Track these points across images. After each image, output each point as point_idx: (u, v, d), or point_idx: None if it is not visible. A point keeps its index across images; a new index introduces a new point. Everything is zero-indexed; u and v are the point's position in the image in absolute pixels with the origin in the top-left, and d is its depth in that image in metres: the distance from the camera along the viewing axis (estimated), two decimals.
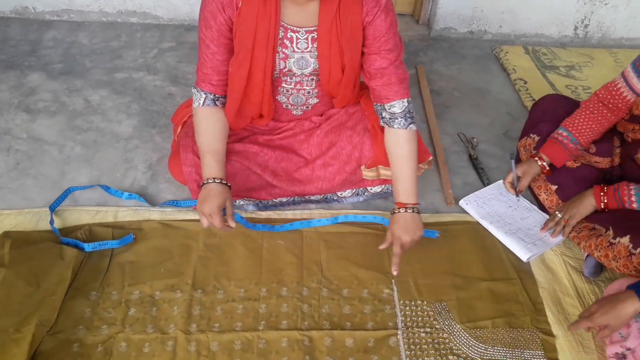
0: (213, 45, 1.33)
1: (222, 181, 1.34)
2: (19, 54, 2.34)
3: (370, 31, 1.34)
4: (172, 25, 2.67)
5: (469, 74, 2.46)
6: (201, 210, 1.31)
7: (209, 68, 1.37)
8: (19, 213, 1.54)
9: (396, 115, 1.40)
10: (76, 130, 1.91)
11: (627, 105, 1.53)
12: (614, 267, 1.33)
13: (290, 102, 1.52)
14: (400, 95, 1.39)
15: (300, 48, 1.37)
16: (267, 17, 1.28)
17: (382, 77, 1.38)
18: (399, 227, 1.37)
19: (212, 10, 1.29)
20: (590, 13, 2.72)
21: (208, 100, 1.41)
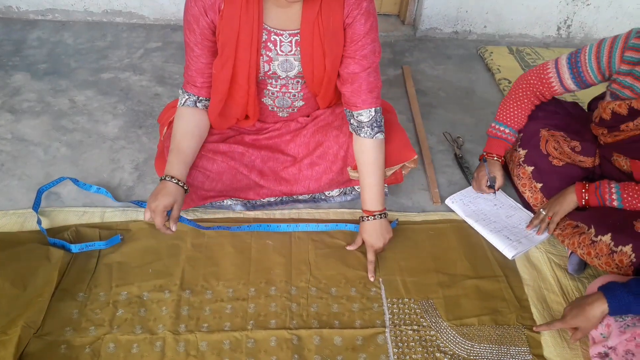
0: (197, 48, 1.34)
1: (179, 182, 1.35)
2: (3, 53, 2.32)
3: (349, 33, 1.34)
4: (158, 25, 2.66)
5: (454, 74, 2.49)
6: (148, 204, 1.32)
7: (193, 70, 1.39)
8: (4, 214, 1.53)
9: (363, 124, 1.41)
10: (62, 131, 1.90)
11: (552, 94, 1.61)
12: (597, 264, 1.36)
13: (276, 104, 1.53)
14: (368, 104, 1.40)
15: (284, 51, 1.37)
16: (249, 20, 1.29)
17: (352, 83, 1.38)
18: (369, 235, 1.42)
19: (195, 14, 1.29)
20: (572, 14, 2.77)
21: (189, 101, 1.43)
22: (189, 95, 1.43)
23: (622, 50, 1.39)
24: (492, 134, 1.69)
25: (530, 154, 1.62)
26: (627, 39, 1.38)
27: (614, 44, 1.41)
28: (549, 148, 1.59)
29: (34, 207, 1.53)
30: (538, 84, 1.59)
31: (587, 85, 1.52)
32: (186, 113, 1.43)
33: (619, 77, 1.42)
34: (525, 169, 1.63)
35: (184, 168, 1.39)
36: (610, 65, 1.43)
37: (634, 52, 1.37)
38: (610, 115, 1.47)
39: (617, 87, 1.43)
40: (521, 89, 1.63)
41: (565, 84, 1.54)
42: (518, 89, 1.64)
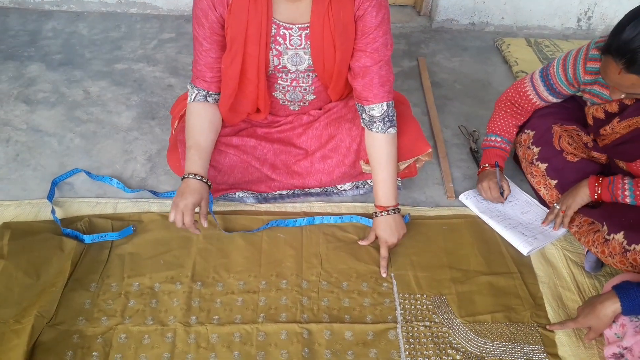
0: (206, 43, 1.34)
1: (202, 178, 1.36)
2: (18, 44, 2.33)
3: (360, 26, 1.32)
4: (172, 16, 2.65)
5: (471, 66, 2.45)
6: (175, 203, 1.33)
7: (202, 65, 1.38)
8: (19, 204, 1.54)
9: (374, 119, 1.40)
10: (76, 122, 1.91)
11: (533, 107, 1.63)
12: (611, 263, 1.33)
13: (287, 98, 1.52)
14: (379, 98, 1.38)
15: (294, 45, 1.36)
16: (258, 14, 1.28)
17: (364, 77, 1.36)
18: (383, 230, 1.41)
19: (204, 8, 1.29)
20: (593, 5, 2.70)
21: (199, 96, 1.42)
22: (198, 91, 1.42)
23: (584, 61, 1.44)
24: (485, 146, 1.70)
25: (544, 151, 1.59)
26: (587, 50, 1.43)
27: (577, 56, 1.47)
28: (563, 144, 1.56)
29: (49, 197, 1.54)
30: (517, 98, 1.65)
31: (564, 96, 1.57)
32: (198, 108, 1.43)
33: (587, 87, 1.47)
34: (538, 167, 1.60)
35: (204, 164, 1.39)
36: (577, 76, 1.48)
37: (594, 63, 1.41)
38: (592, 121, 1.51)
39: (588, 97, 1.49)
40: (503, 104, 1.70)
41: (542, 95, 1.59)
42: (500, 106, 1.71)
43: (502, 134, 1.67)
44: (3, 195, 1.58)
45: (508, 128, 1.67)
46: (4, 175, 1.65)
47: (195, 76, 1.42)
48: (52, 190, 1.57)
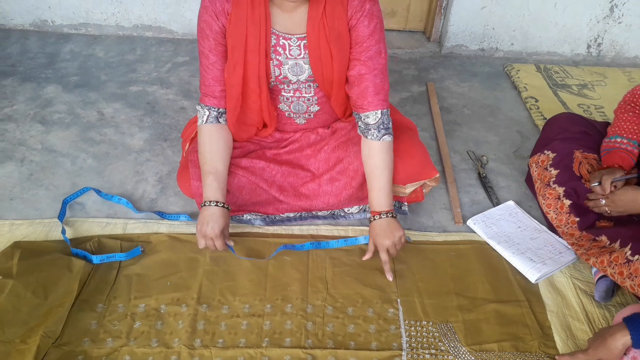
0: (212, 55, 1.37)
1: (224, 205, 1.39)
2: (37, 66, 2.40)
3: (353, 35, 1.36)
4: (186, 40, 2.71)
5: (480, 92, 2.46)
6: (203, 232, 1.36)
7: (210, 79, 1.41)
8: (31, 223, 1.56)
9: (370, 127, 1.42)
10: (89, 142, 1.94)
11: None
12: (628, 285, 1.30)
13: (292, 110, 1.54)
14: (374, 106, 1.40)
15: (294, 55, 1.39)
16: (256, 23, 1.32)
17: (359, 85, 1.39)
18: (376, 234, 1.41)
19: (207, 20, 1.33)
20: (603, 32, 2.72)
21: (211, 117, 1.44)
22: (209, 110, 1.44)
23: None
24: (605, 148, 1.54)
25: (563, 174, 1.56)
26: None
27: None
28: (583, 170, 1.54)
29: (59, 217, 1.56)
30: (630, 102, 1.54)
31: None
32: (211, 131, 1.44)
33: None
34: (555, 190, 1.58)
35: (223, 189, 1.42)
36: None
37: None
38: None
39: None
40: (623, 109, 1.56)
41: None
42: (621, 111, 1.57)
43: (628, 136, 1.51)
44: (15, 214, 1.61)
45: (633, 128, 1.51)
46: (17, 195, 1.69)
47: (204, 94, 1.43)
48: (63, 209, 1.59)
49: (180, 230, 1.57)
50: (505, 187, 1.87)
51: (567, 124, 1.67)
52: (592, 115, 2.28)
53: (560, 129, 1.67)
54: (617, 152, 1.50)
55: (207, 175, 1.41)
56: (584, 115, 2.25)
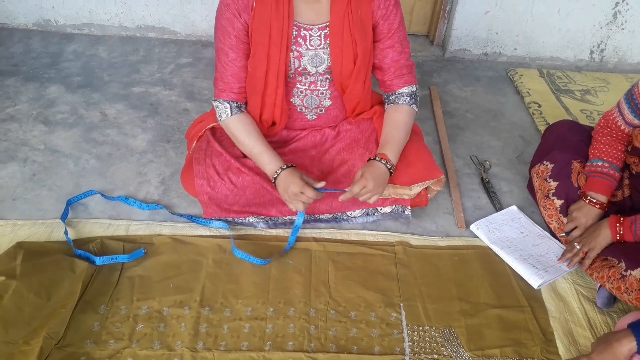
0: (232, 52, 1.38)
1: (287, 165, 1.43)
2: (40, 66, 2.40)
3: (386, 26, 1.41)
4: (189, 41, 2.71)
5: (483, 96, 2.46)
6: (292, 194, 1.39)
7: (229, 76, 1.42)
8: (33, 224, 1.56)
9: (403, 95, 1.52)
10: (92, 143, 1.94)
11: (623, 132, 1.54)
12: (627, 299, 1.31)
13: (305, 104, 1.55)
14: (410, 83, 1.52)
15: (314, 45, 1.41)
16: (280, 17, 1.34)
17: (395, 70, 1.49)
18: (371, 172, 1.41)
19: (229, 18, 1.34)
20: (606, 37, 2.72)
21: (234, 109, 1.46)
22: (230, 104, 1.46)
23: None
24: (589, 171, 1.54)
25: (562, 186, 1.58)
26: None
27: None
28: (581, 181, 1.55)
29: (62, 217, 1.56)
30: (607, 125, 1.57)
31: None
32: (241, 119, 1.48)
33: None
34: (554, 202, 1.59)
35: (277, 156, 1.46)
36: None
37: None
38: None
39: None
40: (601, 133, 1.58)
41: (627, 119, 1.50)
42: (598, 134, 1.59)
43: (608, 159, 1.52)
44: (18, 215, 1.61)
45: (613, 152, 1.53)
46: (20, 195, 1.68)
47: (221, 90, 1.46)
48: (66, 210, 1.59)
49: (183, 232, 1.57)
50: (508, 192, 1.87)
51: (565, 133, 1.68)
52: (594, 121, 2.28)
53: (559, 138, 1.68)
54: (600, 180, 1.51)
55: (260, 156, 1.45)
56: (586, 121, 2.26)
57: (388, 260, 1.53)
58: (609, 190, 1.51)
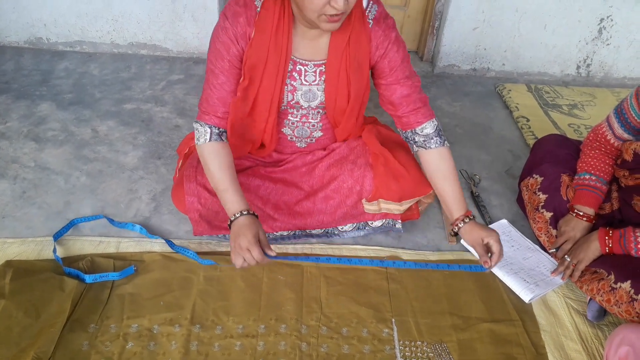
0: (223, 76, 1.35)
1: (249, 212, 1.31)
2: (31, 83, 2.40)
3: (386, 64, 1.39)
4: (181, 58, 2.73)
5: (472, 111, 2.49)
6: (238, 246, 1.26)
7: (215, 99, 1.37)
8: (23, 242, 1.55)
9: (431, 136, 1.45)
10: (83, 160, 1.94)
11: (612, 146, 1.55)
12: (616, 312, 1.32)
13: (295, 134, 1.55)
14: (428, 117, 1.45)
15: (309, 81, 1.40)
16: (278, 51, 1.32)
17: (407, 105, 1.43)
18: (482, 228, 1.39)
19: (225, 42, 1.31)
20: (592, 53, 2.77)
21: (214, 135, 1.38)
22: (211, 128, 1.38)
23: None
24: (577, 184, 1.57)
25: (551, 199, 1.59)
26: None
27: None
28: (570, 194, 1.57)
29: (56, 235, 1.55)
30: (596, 139, 1.59)
31: (636, 130, 1.47)
32: (218, 149, 1.38)
33: None
34: (543, 215, 1.60)
35: (243, 198, 1.35)
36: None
37: None
38: (632, 157, 1.46)
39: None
40: (590, 146, 1.60)
41: (617, 133, 1.52)
42: (587, 147, 1.61)
43: (595, 172, 1.55)
44: (7, 233, 1.60)
45: (600, 165, 1.56)
46: (9, 213, 1.67)
47: (204, 112, 1.38)
48: (65, 229, 1.58)
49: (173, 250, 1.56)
50: (497, 205, 1.88)
51: (554, 147, 1.70)
52: (582, 135, 2.31)
53: (547, 152, 1.70)
54: (587, 193, 1.53)
55: (224, 193, 1.34)
56: (573, 135, 2.29)
57: (379, 275, 1.53)
58: (597, 203, 1.52)
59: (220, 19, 1.32)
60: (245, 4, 1.29)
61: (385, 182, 1.51)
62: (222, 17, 1.32)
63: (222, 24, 1.31)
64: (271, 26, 1.29)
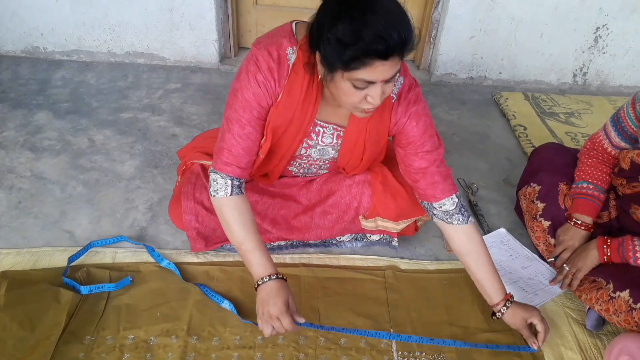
0: (249, 127, 1.24)
1: (277, 276, 1.23)
2: (28, 92, 2.39)
3: (403, 137, 1.32)
4: (178, 67, 2.73)
5: (469, 119, 2.49)
6: (267, 313, 1.18)
7: (240, 149, 1.25)
8: (18, 253, 1.54)
9: (451, 212, 1.34)
10: (79, 170, 1.93)
11: (609, 155, 1.56)
12: (615, 321, 1.31)
13: (300, 171, 1.55)
14: (447, 193, 1.34)
15: (325, 142, 1.38)
16: (303, 115, 1.26)
17: (424, 177, 1.34)
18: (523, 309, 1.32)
19: (258, 94, 1.21)
20: (588, 61, 2.78)
21: (235, 188, 1.27)
22: (232, 181, 1.26)
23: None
24: (574, 193, 1.57)
25: (549, 208, 1.59)
26: None
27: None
28: (567, 202, 1.57)
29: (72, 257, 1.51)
30: (593, 148, 1.59)
31: (633, 138, 1.48)
32: (238, 204, 1.27)
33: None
34: (541, 223, 1.60)
35: (270, 259, 1.26)
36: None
37: None
38: (629, 165, 1.46)
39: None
40: (587, 155, 1.61)
41: (614, 141, 1.52)
42: (584, 156, 1.61)
43: (593, 181, 1.55)
44: (3, 243, 1.58)
45: (598, 174, 1.55)
46: (5, 223, 1.66)
47: (225, 163, 1.26)
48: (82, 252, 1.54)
49: (170, 260, 1.55)
50: (495, 214, 1.88)
51: (551, 156, 1.70)
52: (579, 143, 2.31)
53: (545, 161, 1.70)
54: (585, 202, 1.53)
55: (249, 254, 1.25)
56: (570, 143, 2.29)
57: (378, 285, 1.53)
58: (594, 212, 1.52)
59: (251, 66, 1.19)
60: (279, 60, 1.19)
61: (383, 200, 1.50)
62: (253, 65, 1.19)
63: (254, 74, 1.19)
64: (299, 93, 1.22)
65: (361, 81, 1.05)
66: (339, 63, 1.03)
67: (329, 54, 1.03)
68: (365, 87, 1.07)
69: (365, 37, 0.98)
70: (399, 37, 0.99)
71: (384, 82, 1.06)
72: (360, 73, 1.03)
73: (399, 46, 1.00)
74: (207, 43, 2.66)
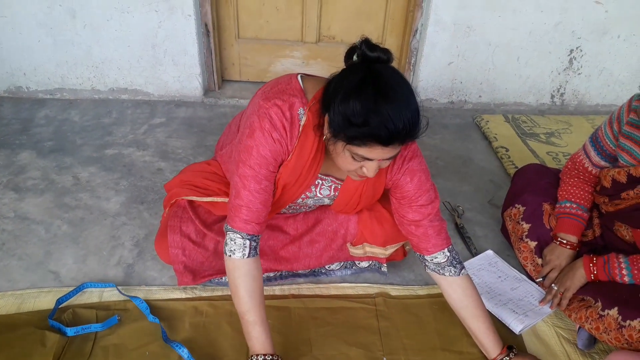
0: (265, 181, 1.24)
1: (273, 357, 1.22)
2: (10, 132, 2.38)
3: (398, 191, 1.34)
4: (162, 102, 2.74)
5: (452, 143, 2.53)
6: None
7: (259, 203, 1.24)
8: (2, 296, 1.51)
9: (443, 265, 1.35)
10: (64, 209, 1.91)
11: (590, 174, 1.59)
12: (606, 340, 1.31)
13: (289, 211, 1.56)
14: (439, 247, 1.34)
15: (323, 194, 1.41)
16: (307, 172, 1.29)
17: (417, 229, 1.35)
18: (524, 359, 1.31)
19: (274, 150, 1.21)
20: (565, 82, 2.85)
21: (252, 250, 1.25)
22: (250, 240, 1.24)
23: (627, 112, 1.43)
24: (558, 213, 1.60)
25: (534, 228, 1.61)
26: (631, 102, 1.42)
27: (622, 108, 1.45)
28: (552, 222, 1.59)
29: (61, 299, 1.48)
30: (574, 168, 1.62)
31: (612, 157, 1.51)
32: (253, 269, 1.25)
33: (621, 139, 1.44)
34: (527, 244, 1.62)
35: (270, 338, 1.25)
36: (621, 129, 1.45)
37: (635, 115, 1.40)
38: (610, 183, 1.48)
39: (618, 151, 1.46)
40: (568, 174, 1.64)
41: (594, 160, 1.56)
42: (566, 176, 1.64)
43: (576, 200, 1.57)
44: None
45: (581, 193, 1.58)
46: None
47: (245, 221, 1.24)
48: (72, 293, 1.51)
49: (157, 296, 1.53)
50: (482, 236, 1.89)
51: (534, 177, 1.73)
52: (561, 162, 2.35)
53: (528, 182, 1.73)
54: (569, 221, 1.56)
55: (251, 325, 1.23)
56: (552, 162, 2.33)
57: (369, 313, 1.52)
58: (579, 231, 1.54)
59: (266, 124, 1.18)
60: (291, 120, 1.19)
61: (369, 226, 1.51)
62: (268, 124, 1.18)
63: (269, 132, 1.19)
64: (309, 154, 1.24)
65: (360, 156, 1.10)
66: (342, 135, 1.07)
67: (336, 123, 1.07)
68: (363, 161, 1.11)
69: (372, 122, 1.02)
70: (404, 129, 1.04)
71: (381, 160, 1.11)
72: (360, 150, 1.08)
73: (402, 136, 1.06)
74: (191, 77, 2.69)
